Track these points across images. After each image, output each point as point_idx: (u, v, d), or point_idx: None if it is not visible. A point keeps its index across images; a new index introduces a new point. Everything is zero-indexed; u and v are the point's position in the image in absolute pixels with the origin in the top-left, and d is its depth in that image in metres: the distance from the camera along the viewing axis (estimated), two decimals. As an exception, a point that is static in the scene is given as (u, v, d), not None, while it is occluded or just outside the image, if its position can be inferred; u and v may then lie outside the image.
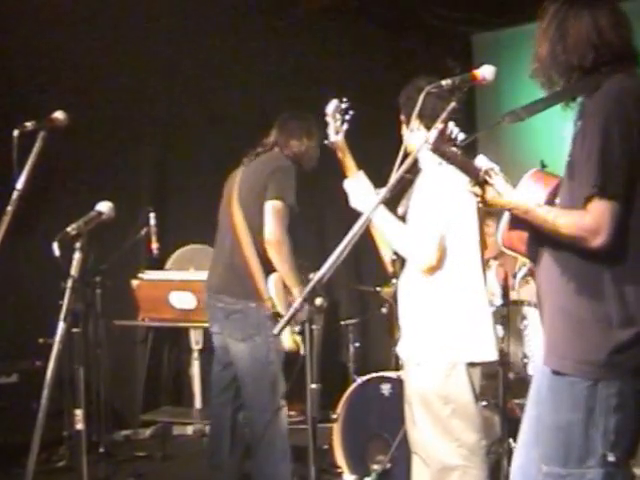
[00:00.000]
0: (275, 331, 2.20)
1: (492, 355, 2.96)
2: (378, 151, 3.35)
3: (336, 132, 3.11)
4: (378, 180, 3.07)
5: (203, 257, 5.33)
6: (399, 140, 3.05)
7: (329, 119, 3.11)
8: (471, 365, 2.91)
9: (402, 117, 3.08)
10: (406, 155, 2.54)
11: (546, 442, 2.11)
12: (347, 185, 3.05)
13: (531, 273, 2.40)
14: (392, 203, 2.92)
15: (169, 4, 5.39)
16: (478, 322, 2.93)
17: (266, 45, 5.76)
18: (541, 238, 2.13)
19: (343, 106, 3.11)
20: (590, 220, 1.99)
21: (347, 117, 3.10)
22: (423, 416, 2.92)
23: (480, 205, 2.13)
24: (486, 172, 2.09)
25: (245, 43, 5.69)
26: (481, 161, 2.05)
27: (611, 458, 2.05)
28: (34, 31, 4.89)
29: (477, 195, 2.10)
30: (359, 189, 3.00)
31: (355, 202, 3.00)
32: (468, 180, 2.08)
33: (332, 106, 3.12)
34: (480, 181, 2.06)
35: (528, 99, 2.23)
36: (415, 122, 2.91)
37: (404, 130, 3.09)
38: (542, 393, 2.17)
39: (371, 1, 5.87)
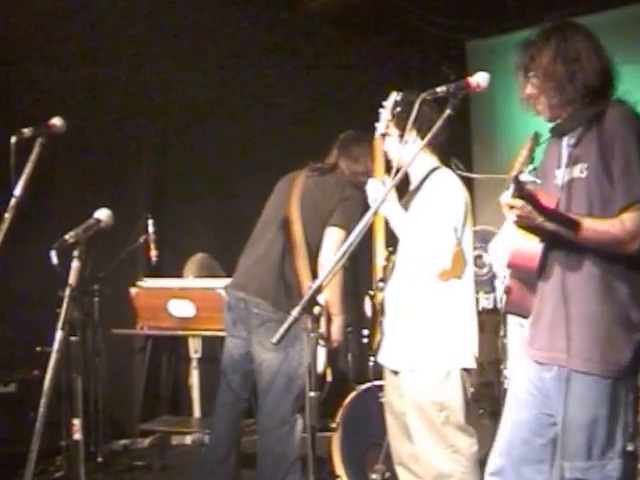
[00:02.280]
0: (274, 340, 2.18)
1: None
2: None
3: (386, 126, 3.06)
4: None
5: (213, 265, 5.33)
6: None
7: (385, 112, 3.05)
8: (465, 371, 2.92)
9: (389, 130, 3.04)
10: (399, 166, 2.55)
11: (569, 440, 2.22)
12: (370, 185, 3.02)
13: (509, 291, 2.56)
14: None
15: (169, 14, 5.39)
16: (472, 328, 2.95)
17: (263, 55, 5.76)
18: (559, 249, 2.26)
19: (398, 98, 3.03)
20: (632, 225, 2.16)
21: (396, 111, 3.02)
22: (417, 423, 2.92)
23: (516, 218, 2.18)
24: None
25: (243, 53, 5.69)
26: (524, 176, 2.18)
27: (630, 448, 2.27)
28: (32, 38, 4.88)
29: (516, 207, 2.15)
30: (380, 192, 2.97)
31: (372, 203, 2.98)
32: (511, 192, 2.13)
33: (391, 99, 3.04)
34: (524, 194, 2.14)
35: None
36: (412, 133, 2.91)
37: (390, 143, 3.06)
38: (537, 396, 2.32)
39: (365, 8, 5.86)
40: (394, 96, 3.03)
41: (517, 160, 2.24)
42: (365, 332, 4.22)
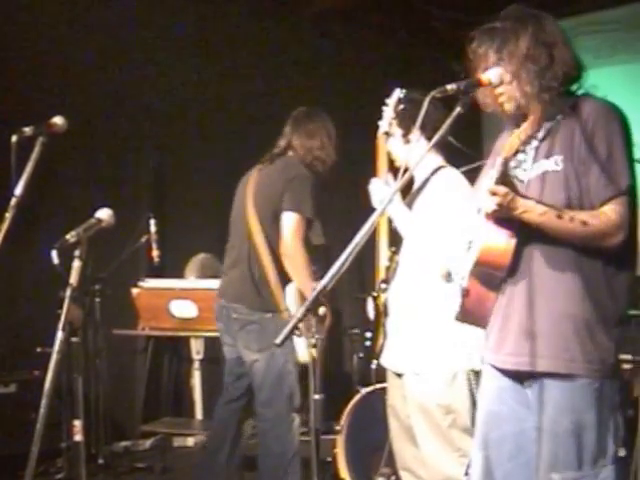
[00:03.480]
0: (277, 341, 2.14)
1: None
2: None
3: (389, 124, 3.00)
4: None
5: (215, 265, 5.31)
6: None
7: (388, 109, 2.99)
8: (472, 372, 2.89)
9: (391, 129, 3.00)
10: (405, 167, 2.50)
11: (554, 450, 2.12)
12: (372, 184, 2.98)
13: (466, 293, 2.24)
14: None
15: (170, 10, 5.37)
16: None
17: (268, 55, 5.73)
18: (534, 243, 2.14)
19: (401, 96, 2.96)
20: (617, 217, 2.08)
21: (399, 109, 2.96)
22: (422, 426, 2.90)
23: (495, 207, 2.06)
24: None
25: (249, 53, 5.67)
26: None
27: (621, 453, 2.12)
28: (34, 36, 4.86)
29: (499, 194, 2.05)
30: (383, 191, 2.93)
31: (376, 203, 2.95)
32: (495, 179, 2.05)
33: (395, 96, 2.98)
34: (507, 181, 2.07)
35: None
36: (416, 133, 2.86)
37: (393, 142, 3.02)
38: (517, 410, 2.19)
39: (376, 4, 5.84)
40: (397, 93, 2.97)
41: (510, 143, 2.11)
42: (369, 335, 4.18)
